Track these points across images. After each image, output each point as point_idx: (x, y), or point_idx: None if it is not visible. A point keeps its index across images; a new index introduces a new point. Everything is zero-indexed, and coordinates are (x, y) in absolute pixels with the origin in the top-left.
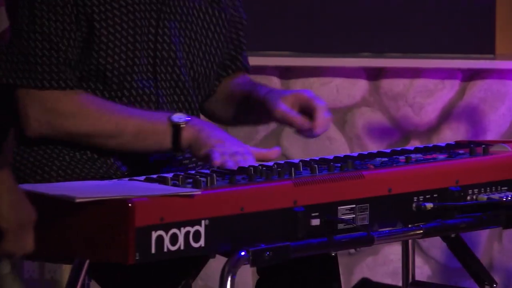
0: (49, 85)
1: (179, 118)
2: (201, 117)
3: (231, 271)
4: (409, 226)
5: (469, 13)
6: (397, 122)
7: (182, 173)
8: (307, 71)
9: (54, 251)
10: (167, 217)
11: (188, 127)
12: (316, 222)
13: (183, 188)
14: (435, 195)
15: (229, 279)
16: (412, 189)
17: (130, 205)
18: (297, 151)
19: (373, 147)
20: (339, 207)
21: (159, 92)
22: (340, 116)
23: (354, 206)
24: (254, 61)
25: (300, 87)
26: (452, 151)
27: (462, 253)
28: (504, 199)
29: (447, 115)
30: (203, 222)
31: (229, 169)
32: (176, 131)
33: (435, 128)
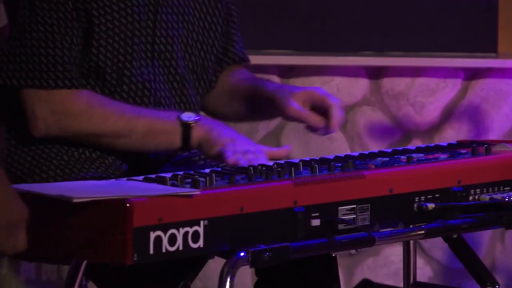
0: (55, 84)
1: (188, 117)
2: (201, 113)
3: (230, 272)
4: (411, 226)
5: (471, 11)
6: (398, 122)
7: (181, 173)
8: (308, 70)
9: (52, 252)
10: (165, 218)
11: (198, 126)
12: (316, 223)
13: (182, 188)
14: (436, 195)
15: (228, 280)
16: (413, 189)
17: (128, 205)
18: (297, 151)
19: (374, 146)
20: (339, 207)
21: (157, 86)
22: None
23: (355, 206)
24: (255, 59)
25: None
26: (454, 150)
27: (464, 254)
28: (507, 199)
29: (449, 114)
30: (202, 222)
31: (243, 167)
32: (186, 130)
33: (436, 127)
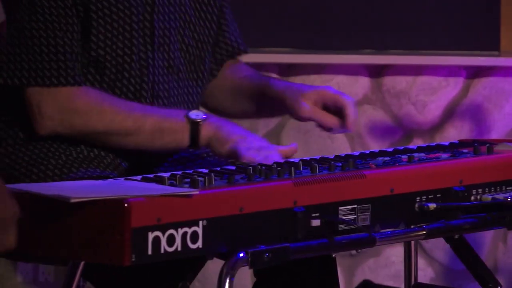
0: (58, 82)
1: (196, 116)
2: (201, 108)
3: (229, 273)
4: (412, 227)
5: (473, 9)
6: (399, 120)
7: (180, 173)
8: (308, 68)
9: (49, 252)
10: (164, 218)
11: (206, 124)
12: (316, 223)
13: (181, 188)
14: (438, 195)
15: (227, 281)
16: (414, 189)
17: (126, 205)
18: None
19: (375, 146)
20: (340, 208)
21: (156, 79)
22: None
23: (355, 206)
24: (254, 58)
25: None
26: (455, 150)
27: (466, 255)
28: (509, 199)
29: (450, 113)
30: (201, 222)
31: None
32: (195, 128)
33: (438, 126)
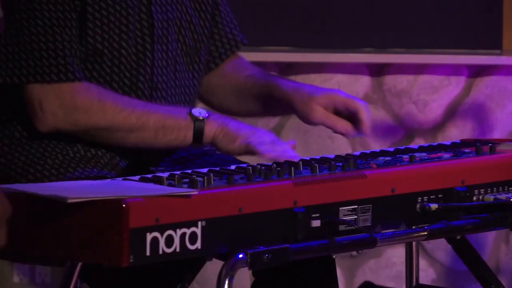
0: (58, 78)
1: (199, 113)
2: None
3: (228, 274)
4: (413, 227)
5: (475, 7)
6: (400, 120)
7: (178, 173)
8: (308, 67)
9: (46, 253)
10: (162, 218)
11: (210, 122)
12: (316, 223)
13: (179, 188)
14: (440, 196)
15: (226, 282)
16: (416, 189)
17: (124, 205)
18: (297, 150)
19: (375, 145)
20: (340, 208)
21: (154, 71)
22: None
23: (356, 206)
24: (254, 57)
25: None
26: (457, 150)
27: (468, 256)
28: None
29: (452, 113)
30: (199, 223)
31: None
32: (199, 126)
33: (440, 126)
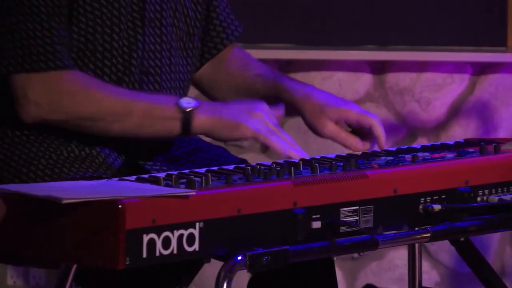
0: (46, 66)
1: (188, 103)
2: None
3: (227, 276)
4: (416, 229)
5: (479, 3)
6: (403, 119)
7: (175, 173)
8: (308, 65)
9: (40, 256)
10: (159, 219)
11: (200, 112)
12: (317, 225)
13: (177, 189)
14: (443, 196)
15: (225, 285)
16: (418, 189)
17: (120, 206)
18: None
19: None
20: (341, 209)
21: (145, 55)
22: None
23: (357, 207)
24: (253, 54)
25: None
26: (461, 149)
27: (472, 258)
28: None
29: (456, 111)
30: (197, 224)
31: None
32: (186, 117)
33: (443, 125)
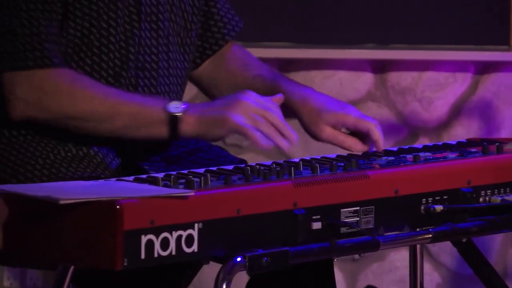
0: (34, 64)
1: (175, 108)
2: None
3: (226, 278)
4: (417, 230)
5: (482, 1)
6: (404, 118)
7: (174, 173)
8: (309, 64)
9: (37, 257)
10: (157, 220)
11: (187, 116)
12: (317, 226)
13: (175, 189)
14: (445, 197)
15: (224, 286)
16: (420, 190)
17: (118, 207)
18: (297, 150)
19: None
20: (342, 210)
21: (141, 50)
22: None
23: (358, 208)
24: (253, 53)
25: (301, 81)
26: (463, 149)
27: (474, 259)
28: None
29: (458, 111)
30: (196, 225)
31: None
32: (174, 121)
33: (445, 124)
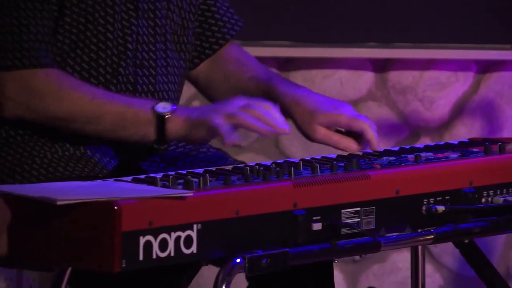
0: (21, 64)
1: (163, 108)
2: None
3: (225, 279)
4: (419, 230)
5: None
6: (405, 118)
7: (173, 173)
8: (309, 63)
9: (34, 258)
10: (156, 221)
11: (174, 117)
12: (317, 227)
13: (174, 190)
14: (447, 197)
15: None
16: (422, 190)
17: (116, 208)
18: (297, 150)
19: (379, 145)
20: (342, 210)
21: (139, 47)
22: None
23: (359, 209)
24: (252, 51)
25: (301, 80)
26: (465, 149)
27: (476, 261)
28: None
29: (460, 110)
30: (195, 226)
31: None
32: (161, 122)
33: (447, 124)
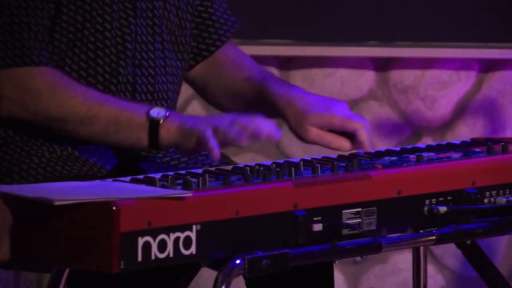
0: (13, 62)
1: (158, 113)
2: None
3: (225, 281)
4: (421, 231)
5: None
6: (407, 117)
7: (172, 173)
8: (309, 62)
9: (31, 259)
10: (155, 222)
11: (167, 123)
12: (318, 227)
13: (173, 190)
14: (449, 198)
15: None
16: (423, 191)
17: (114, 208)
18: (297, 150)
19: (381, 144)
20: (343, 211)
21: (137, 47)
22: None
23: (360, 209)
24: (251, 50)
25: (301, 79)
26: (467, 149)
27: (478, 262)
28: None
29: (462, 110)
30: (194, 227)
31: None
32: (154, 127)
33: (449, 124)
